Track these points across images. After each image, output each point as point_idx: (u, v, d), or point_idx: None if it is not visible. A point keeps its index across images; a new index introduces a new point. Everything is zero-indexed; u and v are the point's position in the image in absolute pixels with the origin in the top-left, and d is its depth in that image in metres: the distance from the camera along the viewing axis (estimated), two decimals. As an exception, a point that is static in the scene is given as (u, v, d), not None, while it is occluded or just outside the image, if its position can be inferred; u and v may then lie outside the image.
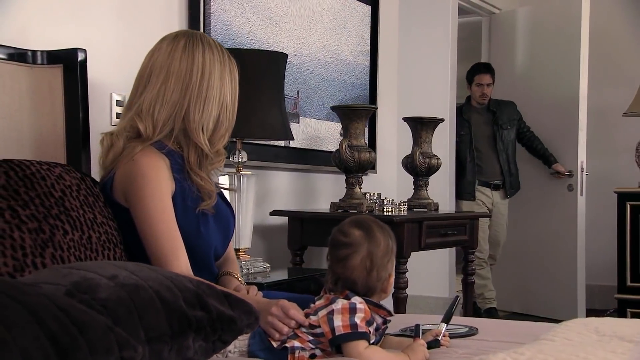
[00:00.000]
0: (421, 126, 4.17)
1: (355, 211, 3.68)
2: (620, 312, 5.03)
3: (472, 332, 2.14)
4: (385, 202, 3.79)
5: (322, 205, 4.30)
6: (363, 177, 3.92)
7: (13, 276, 1.57)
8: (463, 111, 5.86)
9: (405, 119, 4.26)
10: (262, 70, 2.94)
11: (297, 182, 4.16)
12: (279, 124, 2.99)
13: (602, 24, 6.20)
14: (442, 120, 4.33)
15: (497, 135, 5.77)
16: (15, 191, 1.66)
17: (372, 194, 3.88)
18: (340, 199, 3.80)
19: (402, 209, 3.81)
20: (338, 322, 1.77)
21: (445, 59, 5.60)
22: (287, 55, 3.12)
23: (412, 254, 3.71)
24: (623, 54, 6.34)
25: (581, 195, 5.78)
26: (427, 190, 4.25)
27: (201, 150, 2.09)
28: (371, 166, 3.81)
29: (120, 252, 1.92)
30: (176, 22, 3.31)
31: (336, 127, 4.33)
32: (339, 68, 4.38)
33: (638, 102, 5.11)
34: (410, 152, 4.23)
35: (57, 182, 1.80)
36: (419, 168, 4.18)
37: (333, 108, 3.85)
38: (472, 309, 4.38)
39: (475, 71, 5.88)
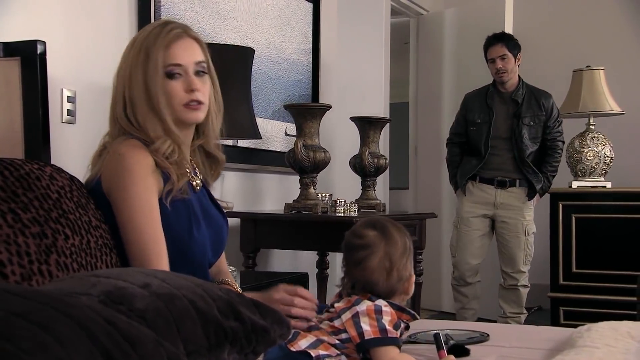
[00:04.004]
0: (369, 126, 4.10)
1: (310, 212, 3.59)
2: (553, 310, 5.09)
3: (484, 338, 2.08)
4: (338, 203, 3.74)
5: (269, 206, 4.19)
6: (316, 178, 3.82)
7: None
8: (487, 96, 4.71)
9: (353, 119, 4.18)
10: (229, 66, 2.81)
11: (244, 183, 4.03)
12: (248, 122, 2.87)
13: (525, 25, 6.29)
14: (390, 120, 4.29)
15: (515, 131, 4.57)
16: (14, 192, 1.50)
17: (323, 195, 3.80)
18: (294, 200, 3.70)
19: (352, 210, 3.76)
20: (366, 326, 1.67)
21: (380, 58, 5.58)
22: (254, 50, 3.01)
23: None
24: (547, 55, 6.45)
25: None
26: (374, 190, 4.20)
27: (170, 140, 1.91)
28: (326, 166, 3.72)
29: (116, 256, 1.77)
30: (126, 15, 3.19)
31: (282, 127, 4.22)
32: (283, 66, 4.28)
33: (569, 103, 5.19)
34: (357, 152, 4.16)
35: (52, 183, 1.65)
36: (368, 168, 4.11)
37: (287, 107, 3.74)
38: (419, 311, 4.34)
39: (486, 46, 4.73)
